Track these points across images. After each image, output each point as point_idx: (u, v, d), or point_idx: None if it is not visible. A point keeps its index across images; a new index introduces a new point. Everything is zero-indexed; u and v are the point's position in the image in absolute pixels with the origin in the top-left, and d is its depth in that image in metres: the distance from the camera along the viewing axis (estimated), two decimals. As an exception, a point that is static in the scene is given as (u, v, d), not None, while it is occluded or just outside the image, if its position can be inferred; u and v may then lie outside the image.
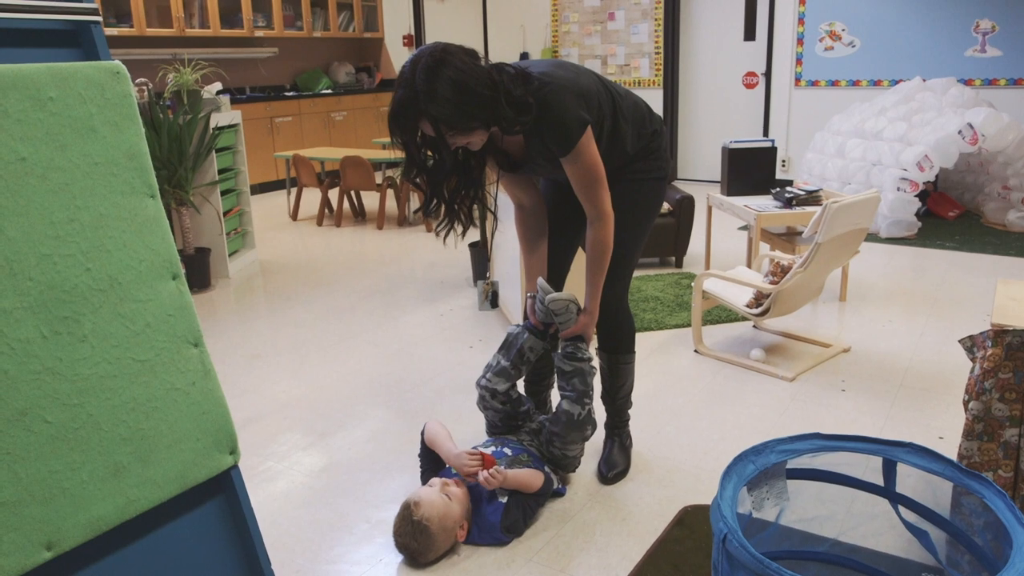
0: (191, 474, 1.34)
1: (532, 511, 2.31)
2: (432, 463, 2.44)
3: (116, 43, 7.17)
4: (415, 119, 1.96)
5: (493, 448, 2.40)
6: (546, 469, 2.39)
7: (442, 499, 2.17)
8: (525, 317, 2.50)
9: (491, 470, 2.21)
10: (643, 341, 3.76)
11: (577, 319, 2.38)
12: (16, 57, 1.24)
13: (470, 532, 2.22)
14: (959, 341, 1.99)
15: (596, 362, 2.45)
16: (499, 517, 2.21)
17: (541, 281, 2.39)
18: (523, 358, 2.45)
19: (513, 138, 2.19)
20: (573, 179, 2.21)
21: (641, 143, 2.33)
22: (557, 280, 2.54)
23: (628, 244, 2.41)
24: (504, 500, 2.24)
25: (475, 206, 2.26)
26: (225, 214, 5.07)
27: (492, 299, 2.58)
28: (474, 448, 2.36)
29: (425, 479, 2.41)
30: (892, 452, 1.57)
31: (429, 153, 2.09)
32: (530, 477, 2.29)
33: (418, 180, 2.12)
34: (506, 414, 2.50)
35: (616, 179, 2.34)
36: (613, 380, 2.57)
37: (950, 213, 6.21)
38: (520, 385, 2.60)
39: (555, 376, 2.47)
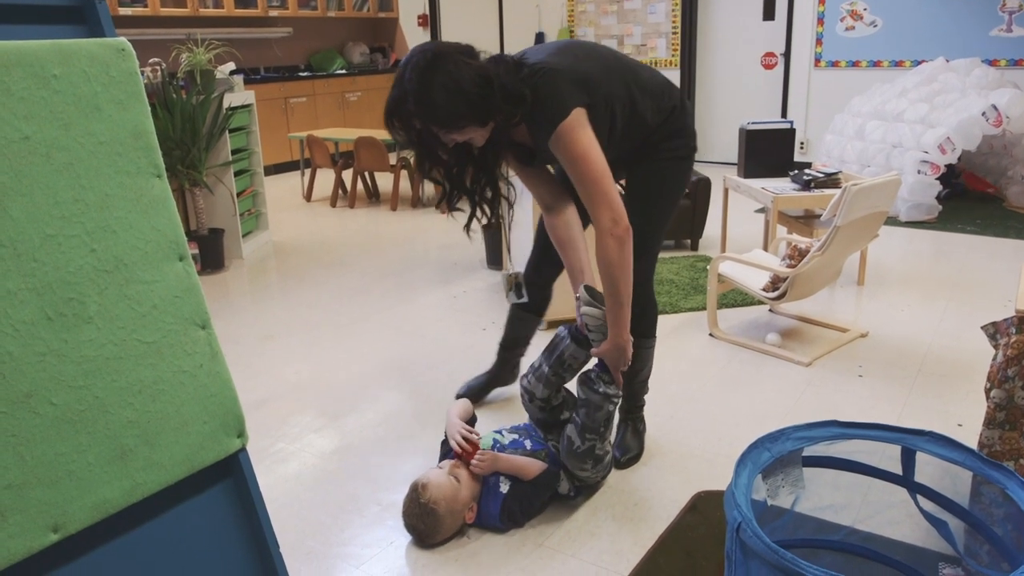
0: (198, 457, 1.33)
1: (531, 503, 2.23)
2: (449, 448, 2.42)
3: (130, 23, 7.15)
4: (408, 118, 2.00)
5: (516, 436, 2.36)
6: (555, 467, 2.30)
7: (450, 481, 2.15)
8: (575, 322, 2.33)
9: (476, 456, 2.19)
10: (658, 324, 3.72)
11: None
12: (20, 34, 1.22)
13: (478, 515, 2.21)
14: (982, 327, 1.95)
15: (615, 403, 2.23)
16: (498, 507, 2.18)
17: (583, 288, 2.22)
18: (563, 365, 2.27)
19: (522, 129, 2.15)
20: (568, 170, 2.06)
21: (661, 116, 2.24)
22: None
23: (653, 223, 2.31)
24: (504, 490, 2.20)
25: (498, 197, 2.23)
26: (239, 195, 5.06)
27: (517, 290, 2.51)
28: (500, 430, 2.38)
29: (443, 454, 2.39)
30: (911, 440, 1.54)
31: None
32: (526, 464, 2.22)
33: (433, 173, 2.12)
34: (544, 420, 2.39)
35: (639, 159, 2.28)
36: (632, 364, 2.48)
37: (989, 190, 6.12)
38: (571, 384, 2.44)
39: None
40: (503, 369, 2.96)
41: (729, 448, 2.60)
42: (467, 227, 2.25)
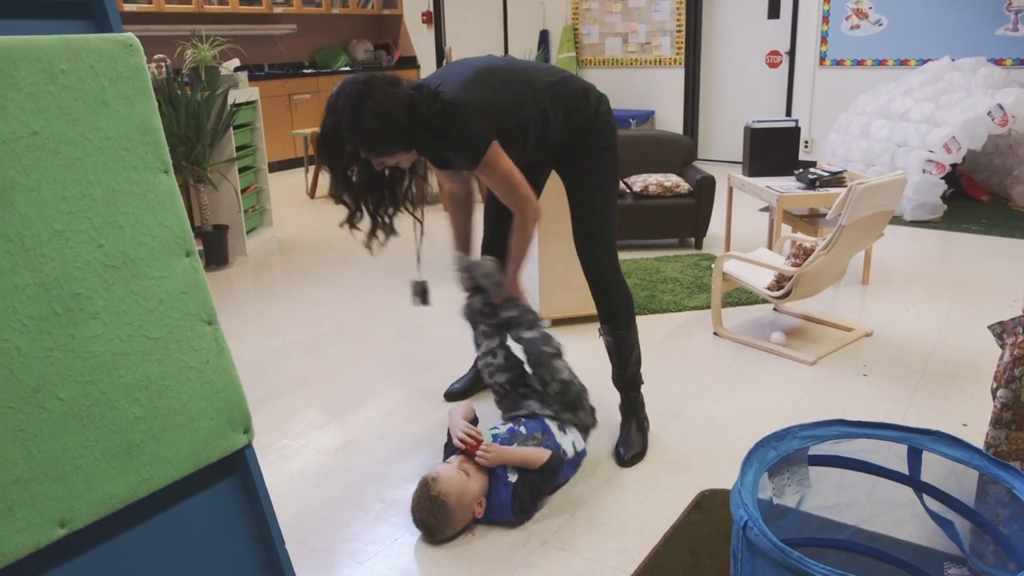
0: (204, 453, 1.33)
1: (540, 490, 2.28)
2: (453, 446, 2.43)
3: (135, 19, 7.16)
4: (341, 144, 2.14)
5: (510, 426, 2.41)
6: (559, 442, 2.36)
7: (460, 475, 2.17)
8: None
9: (481, 448, 2.23)
10: (662, 323, 3.72)
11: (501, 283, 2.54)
12: (27, 29, 1.22)
13: (488, 508, 2.22)
14: (988, 327, 1.94)
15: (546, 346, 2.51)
16: (509, 497, 2.20)
17: (458, 255, 2.68)
18: (483, 313, 2.63)
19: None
20: (490, 186, 2.38)
21: (572, 127, 2.42)
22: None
23: (601, 216, 2.51)
24: (513, 479, 2.23)
25: (396, 215, 2.49)
26: (243, 191, 5.06)
27: (423, 296, 2.79)
28: (494, 428, 2.40)
29: (446, 455, 2.40)
30: (918, 440, 1.53)
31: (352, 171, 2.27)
32: (533, 453, 2.28)
33: (345, 199, 2.32)
34: (511, 378, 2.59)
35: (561, 161, 2.50)
36: (620, 352, 2.58)
37: (983, 197, 6.10)
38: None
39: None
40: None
41: (733, 446, 2.60)
42: (368, 241, 2.46)
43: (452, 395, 3.00)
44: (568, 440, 2.41)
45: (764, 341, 3.44)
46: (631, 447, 2.56)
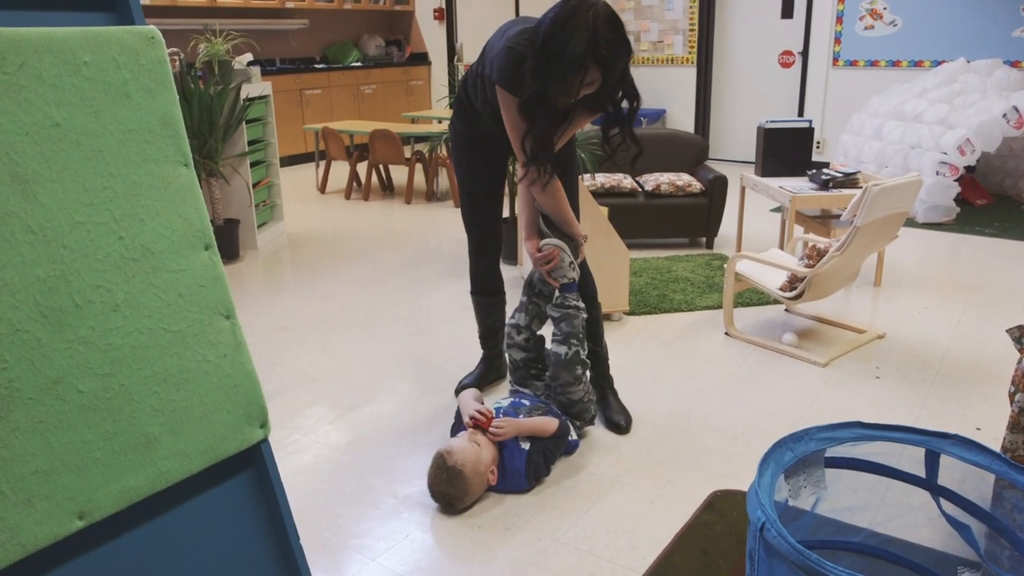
0: (221, 447, 1.33)
1: (552, 455, 2.42)
2: (461, 425, 2.54)
3: (148, 12, 7.16)
4: (582, 65, 2.06)
5: (512, 400, 2.55)
6: (562, 417, 2.50)
7: (472, 445, 2.29)
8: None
9: (494, 423, 2.35)
10: (673, 322, 3.71)
11: (569, 266, 2.52)
12: (50, 20, 1.22)
13: (501, 476, 2.33)
14: (1007, 331, 1.93)
15: (583, 313, 2.56)
16: (524, 463, 2.32)
17: (545, 240, 2.53)
18: (534, 290, 2.61)
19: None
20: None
21: None
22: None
23: (577, 194, 2.66)
24: (526, 447, 2.35)
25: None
26: (254, 186, 5.07)
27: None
28: (497, 403, 2.54)
29: (454, 433, 2.54)
30: (936, 443, 1.52)
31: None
32: (544, 423, 2.42)
33: (544, 135, 2.24)
34: (526, 358, 2.66)
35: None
36: (595, 329, 2.71)
37: (978, 201, 6.05)
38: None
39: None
40: (492, 359, 3.06)
41: (745, 447, 2.59)
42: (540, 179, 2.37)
43: (463, 389, 2.99)
44: (566, 419, 2.54)
45: (776, 342, 3.43)
46: (624, 414, 2.71)
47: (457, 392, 2.98)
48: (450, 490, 2.22)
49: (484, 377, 3.03)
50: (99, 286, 1.18)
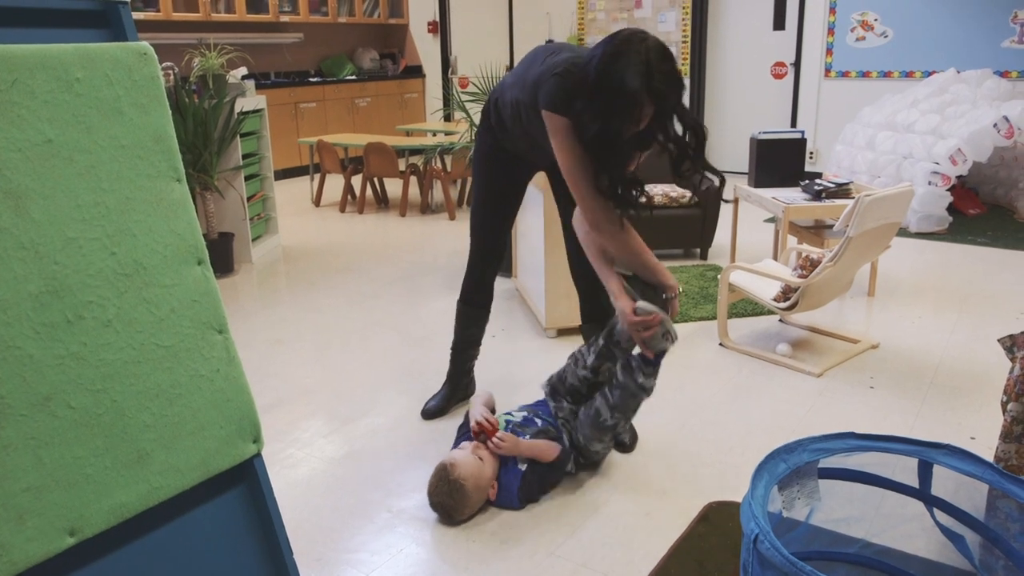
0: (214, 462, 1.32)
1: (548, 482, 2.40)
2: (467, 430, 2.51)
3: (142, 27, 7.18)
4: (638, 104, 2.00)
5: (525, 415, 2.51)
6: (566, 444, 2.45)
7: (475, 459, 2.28)
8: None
9: (496, 436, 2.33)
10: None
11: (664, 338, 2.31)
12: (43, 37, 1.22)
13: (498, 492, 2.33)
14: (998, 340, 1.94)
15: (647, 395, 2.40)
16: (518, 483, 2.31)
17: (639, 303, 2.28)
18: (613, 338, 2.45)
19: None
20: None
21: None
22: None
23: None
24: (523, 468, 2.33)
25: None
26: (249, 199, 5.07)
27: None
28: (509, 413, 2.52)
29: (459, 438, 2.52)
30: (930, 454, 1.52)
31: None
32: (545, 448, 2.38)
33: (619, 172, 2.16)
34: (574, 388, 2.53)
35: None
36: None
37: (971, 211, 6.08)
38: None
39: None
40: (459, 376, 2.96)
41: (740, 458, 2.59)
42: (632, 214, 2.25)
43: (429, 414, 2.93)
44: (569, 449, 2.48)
45: (770, 352, 3.43)
46: (630, 433, 2.68)
47: (423, 415, 2.92)
48: (450, 502, 2.23)
49: (450, 399, 2.95)
50: (91, 301, 1.18)
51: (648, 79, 1.97)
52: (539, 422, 2.48)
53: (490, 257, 2.80)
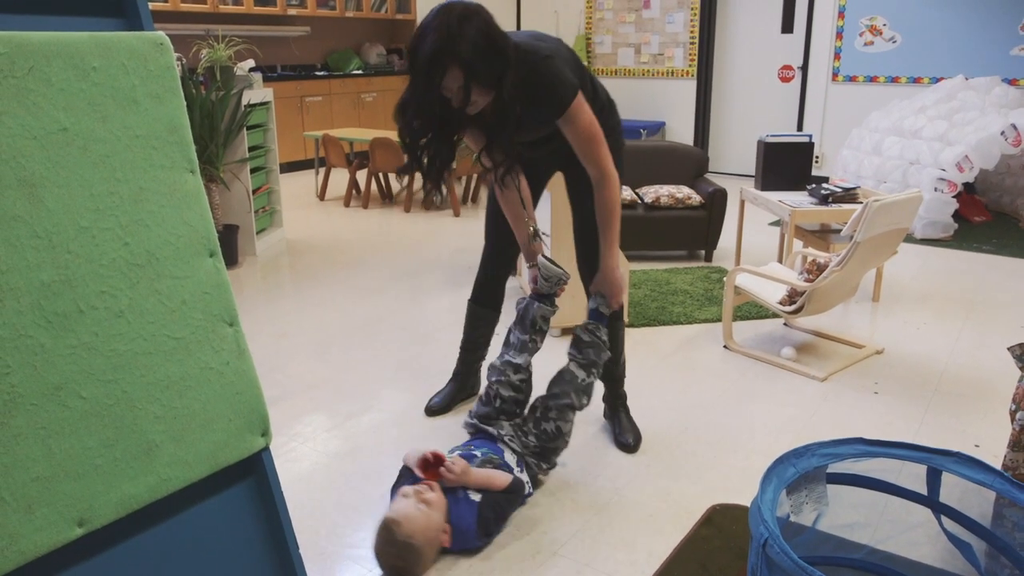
0: (223, 455, 1.32)
1: (504, 511, 2.23)
2: (406, 478, 2.31)
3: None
4: (441, 65, 1.99)
5: (462, 451, 2.35)
6: (516, 472, 2.32)
7: (419, 510, 2.07)
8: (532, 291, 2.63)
9: (446, 464, 2.15)
10: (671, 335, 3.71)
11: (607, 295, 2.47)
12: (60, 25, 1.22)
13: (453, 535, 2.12)
14: (1008, 349, 1.93)
15: (607, 353, 2.51)
16: (474, 519, 2.12)
17: (542, 259, 2.54)
18: (535, 327, 2.55)
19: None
20: (573, 142, 2.29)
21: (599, 103, 2.44)
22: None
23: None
24: (477, 499, 2.16)
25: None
26: (254, 192, 5.07)
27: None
28: (450, 451, 2.33)
29: (396, 488, 2.27)
30: (938, 461, 1.52)
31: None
32: (494, 476, 2.24)
33: (414, 135, 2.13)
34: (514, 398, 2.50)
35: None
36: (617, 346, 2.65)
37: (976, 218, 6.07)
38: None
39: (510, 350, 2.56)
40: (466, 376, 2.98)
41: (744, 461, 2.58)
42: (434, 186, 2.27)
43: (433, 410, 2.92)
44: (523, 478, 2.34)
45: (775, 356, 3.43)
46: (634, 433, 2.68)
47: (427, 412, 2.90)
48: (400, 563, 2.02)
49: (455, 396, 2.94)
50: (103, 291, 1.18)
51: (449, 43, 1.99)
52: (478, 454, 2.32)
53: (498, 259, 2.79)
